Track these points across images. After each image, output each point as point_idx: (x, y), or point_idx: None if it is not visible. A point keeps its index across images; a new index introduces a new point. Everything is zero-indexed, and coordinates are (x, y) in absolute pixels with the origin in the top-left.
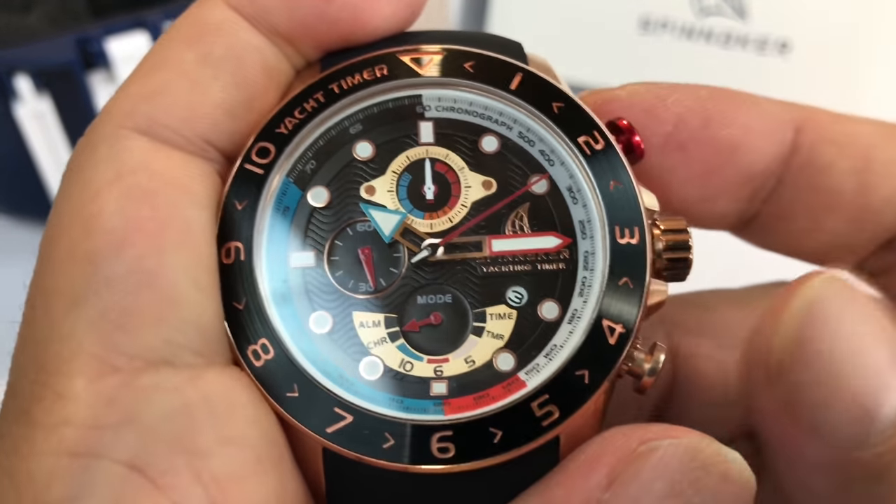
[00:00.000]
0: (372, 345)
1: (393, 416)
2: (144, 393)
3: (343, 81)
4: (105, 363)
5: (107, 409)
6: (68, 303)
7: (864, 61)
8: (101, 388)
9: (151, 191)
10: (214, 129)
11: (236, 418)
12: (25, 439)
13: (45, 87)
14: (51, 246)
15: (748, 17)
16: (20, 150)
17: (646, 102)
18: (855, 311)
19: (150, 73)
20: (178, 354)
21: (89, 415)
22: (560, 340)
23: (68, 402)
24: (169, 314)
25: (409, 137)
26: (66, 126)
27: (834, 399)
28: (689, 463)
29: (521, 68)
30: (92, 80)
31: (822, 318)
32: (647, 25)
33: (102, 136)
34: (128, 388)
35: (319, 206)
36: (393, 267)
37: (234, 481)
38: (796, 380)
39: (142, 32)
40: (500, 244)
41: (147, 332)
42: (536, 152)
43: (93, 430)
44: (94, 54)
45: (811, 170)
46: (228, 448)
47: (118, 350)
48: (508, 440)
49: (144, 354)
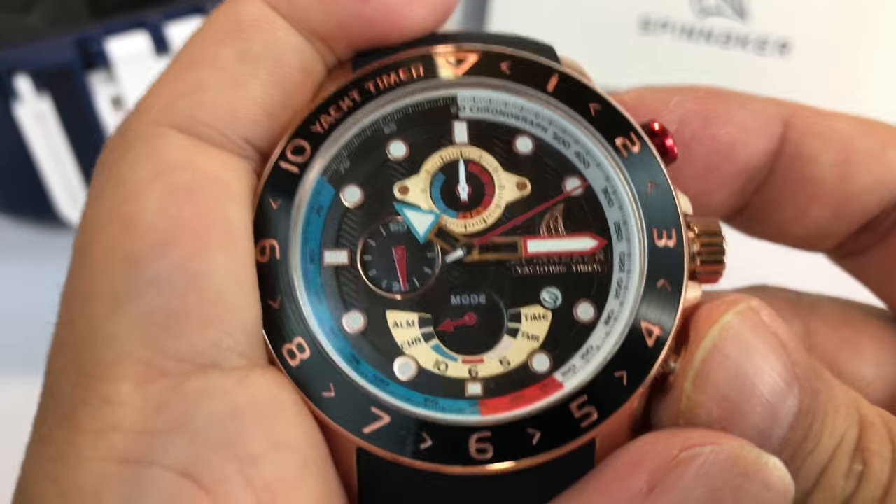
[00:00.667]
0: (406, 345)
1: (430, 416)
2: (194, 397)
3: (379, 81)
4: (152, 367)
5: (156, 415)
6: (110, 304)
7: (864, 61)
8: (149, 393)
9: (194, 189)
10: (254, 127)
11: (283, 421)
12: (71, 445)
13: (45, 87)
14: (87, 246)
15: (748, 17)
16: (20, 150)
17: (650, 106)
18: (757, 347)
19: (187, 69)
20: (225, 357)
21: (138, 420)
22: (597, 342)
23: (116, 406)
24: (215, 316)
25: (443, 138)
26: (66, 126)
27: (734, 430)
28: (731, 470)
29: (557, 70)
30: (92, 80)
31: (730, 358)
32: (647, 25)
33: (138, 134)
34: (177, 393)
35: (353, 205)
36: (427, 267)
37: (283, 487)
38: (703, 416)
39: (142, 32)
40: (536, 245)
41: (195, 335)
42: (571, 154)
43: (143, 436)
44: (94, 54)
45: (798, 162)
46: (277, 453)
47: (165, 353)
48: (547, 441)
49: (192, 358)
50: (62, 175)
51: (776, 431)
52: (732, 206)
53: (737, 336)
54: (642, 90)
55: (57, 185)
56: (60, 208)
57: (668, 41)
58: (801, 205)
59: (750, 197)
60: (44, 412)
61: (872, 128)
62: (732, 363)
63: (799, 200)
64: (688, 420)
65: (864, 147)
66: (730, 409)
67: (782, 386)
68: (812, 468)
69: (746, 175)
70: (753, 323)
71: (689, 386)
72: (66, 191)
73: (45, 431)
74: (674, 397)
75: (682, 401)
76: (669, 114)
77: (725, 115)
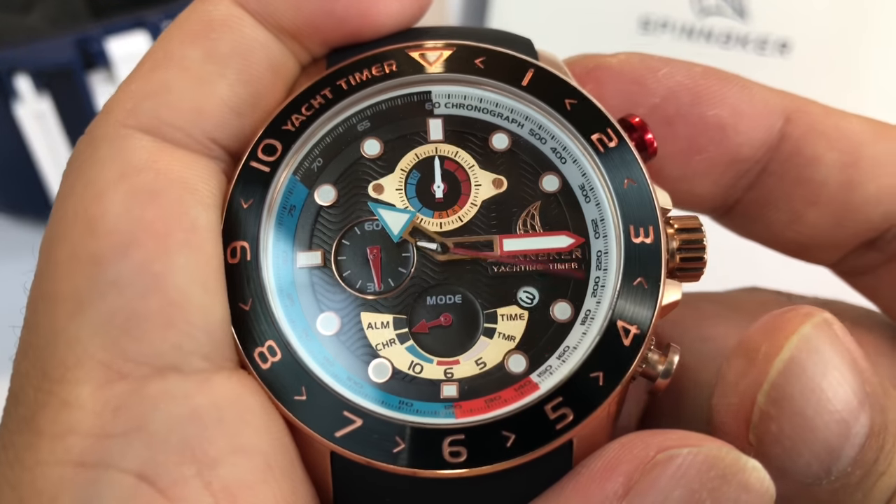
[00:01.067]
0: (380, 346)
1: (403, 419)
2: (153, 400)
3: (351, 77)
4: (112, 369)
5: (114, 418)
6: (72, 306)
7: (864, 61)
8: (108, 396)
9: (157, 191)
10: (220, 127)
11: (246, 425)
12: (29, 448)
13: (45, 87)
14: (53, 247)
15: (748, 17)
16: (20, 150)
17: (636, 72)
18: (834, 361)
19: (154, 70)
20: (186, 360)
21: (96, 423)
22: (573, 342)
23: (74, 409)
24: (177, 319)
25: (417, 135)
26: (66, 126)
27: (805, 446)
28: (708, 472)
29: (533, 64)
30: (92, 80)
31: (807, 372)
32: (647, 25)
33: (104, 135)
34: (136, 396)
35: (326, 204)
36: (402, 267)
37: (243, 490)
38: (774, 430)
39: (142, 32)
40: (512, 244)
41: (155, 338)
42: (548, 150)
43: (100, 439)
44: (94, 54)
45: (798, 160)
46: (238, 456)
47: (125, 356)
48: (522, 444)
49: (152, 361)
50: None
51: (847, 451)
52: (721, 199)
53: (815, 349)
54: (631, 55)
55: (57, 185)
56: None
57: (668, 41)
58: (798, 208)
59: (742, 194)
60: (7, 417)
61: (886, 133)
62: (808, 377)
63: (795, 203)
64: (757, 434)
65: (875, 153)
66: (802, 424)
67: (855, 404)
68: (883, 489)
69: (736, 166)
70: (830, 337)
71: (763, 398)
72: None
73: (6, 437)
74: (737, 410)
75: (755, 413)
76: (656, 84)
77: (718, 96)
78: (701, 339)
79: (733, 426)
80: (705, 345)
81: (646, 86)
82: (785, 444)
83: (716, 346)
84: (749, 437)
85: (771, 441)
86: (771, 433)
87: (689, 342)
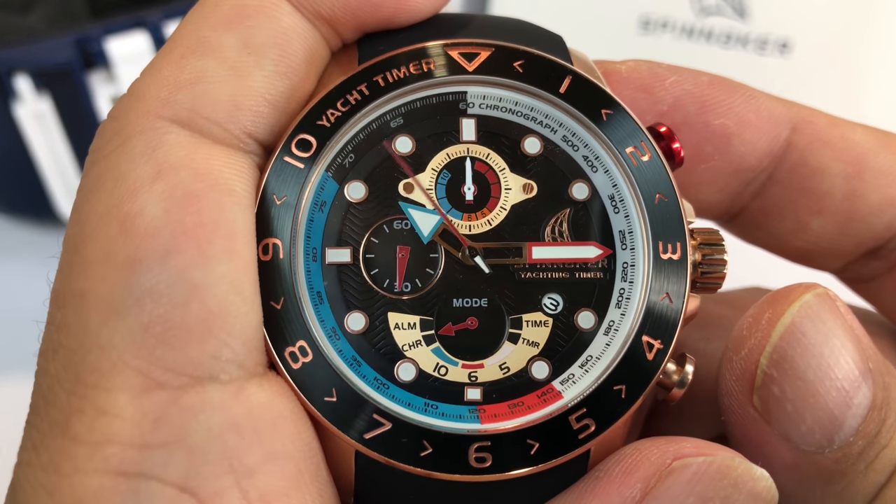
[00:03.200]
0: (407, 347)
1: (431, 424)
2: (192, 411)
3: (388, 74)
4: (149, 378)
5: (154, 428)
6: (106, 310)
7: (865, 61)
8: (146, 405)
9: (196, 193)
10: (256, 121)
11: (278, 432)
12: (66, 456)
13: (45, 87)
14: (82, 243)
15: (748, 16)
16: (20, 150)
17: (644, 80)
18: (835, 331)
19: (186, 56)
20: (223, 368)
21: (136, 433)
22: (596, 352)
23: (112, 418)
24: (216, 328)
25: (449, 134)
26: (66, 126)
27: (807, 411)
28: (721, 481)
29: (571, 70)
30: (92, 80)
31: (807, 337)
32: (647, 25)
33: (137, 126)
34: (175, 406)
35: (356, 200)
36: (430, 268)
37: (278, 497)
38: (776, 393)
39: (142, 32)
40: (541, 252)
41: (193, 348)
42: (580, 157)
43: (140, 449)
44: (94, 54)
45: (803, 170)
46: (272, 464)
47: (163, 365)
48: (545, 451)
49: (190, 371)
50: (62, 175)
51: (849, 421)
52: (727, 207)
53: (816, 316)
54: (640, 62)
55: (56, 185)
56: (60, 208)
57: (668, 41)
58: (803, 217)
59: (747, 202)
60: (35, 417)
61: (891, 143)
62: (809, 342)
63: (800, 212)
64: (761, 398)
65: (879, 163)
66: (804, 388)
67: (857, 374)
68: (886, 463)
69: (741, 174)
70: (831, 307)
71: (765, 360)
72: (65, 190)
73: (37, 438)
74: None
75: (757, 376)
76: (664, 92)
77: (725, 105)
78: (705, 339)
79: (738, 391)
80: (709, 344)
81: (653, 94)
82: (787, 409)
83: (718, 346)
84: (753, 400)
85: (774, 404)
86: (774, 396)
87: (693, 341)
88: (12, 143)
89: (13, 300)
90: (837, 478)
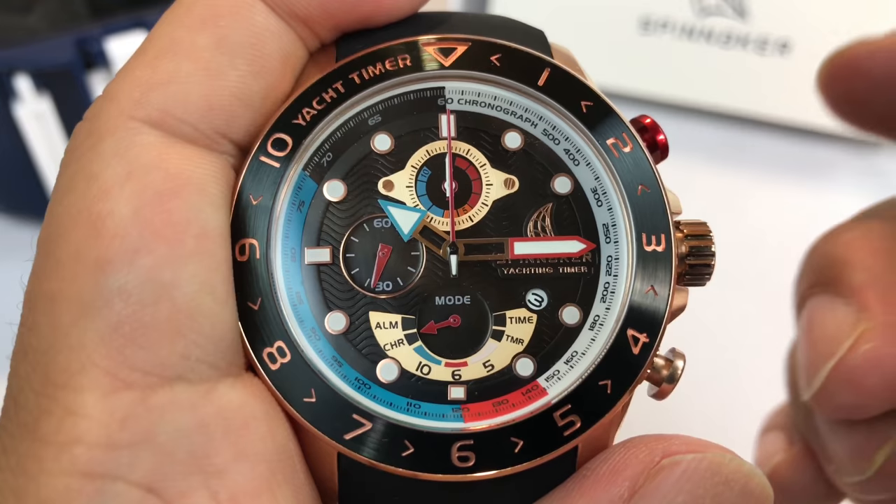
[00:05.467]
0: (389, 347)
1: (413, 423)
2: (160, 411)
3: (364, 71)
4: (117, 378)
5: (121, 428)
6: (76, 311)
7: None
8: (114, 405)
9: (167, 193)
10: (230, 121)
11: (251, 432)
12: (33, 457)
13: (45, 87)
14: (53, 244)
15: (748, 16)
16: (20, 150)
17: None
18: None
19: (159, 57)
20: (193, 369)
21: (102, 433)
22: (581, 347)
23: (80, 418)
24: (186, 328)
25: (429, 130)
26: (66, 126)
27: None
28: (712, 478)
29: (550, 63)
30: (92, 80)
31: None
32: (647, 25)
33: (109, 127)
34: (142, 406)
35: (335, 199)
36: (411, 266)
37: (249, 498)
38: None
39: (141, 32)
40: (523, 247)
41: (162, 348)
42: (561, 151)
43: (107, 449)
44: (94, 54)
45: None
46: (243, 464)
47: (131, 365)
48: (529, 449)
49: (159, 370)
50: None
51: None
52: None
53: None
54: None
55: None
56: None
57: (668, 41)
58: None
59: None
60: (6, 420)
61: None
62: None
63: None
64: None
65: None
66: None
67: None
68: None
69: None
70: None
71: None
72: None
73: (6, 441)
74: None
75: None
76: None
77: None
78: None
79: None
80: None
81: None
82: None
83: None
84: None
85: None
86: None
87: None
88: (12, 143)
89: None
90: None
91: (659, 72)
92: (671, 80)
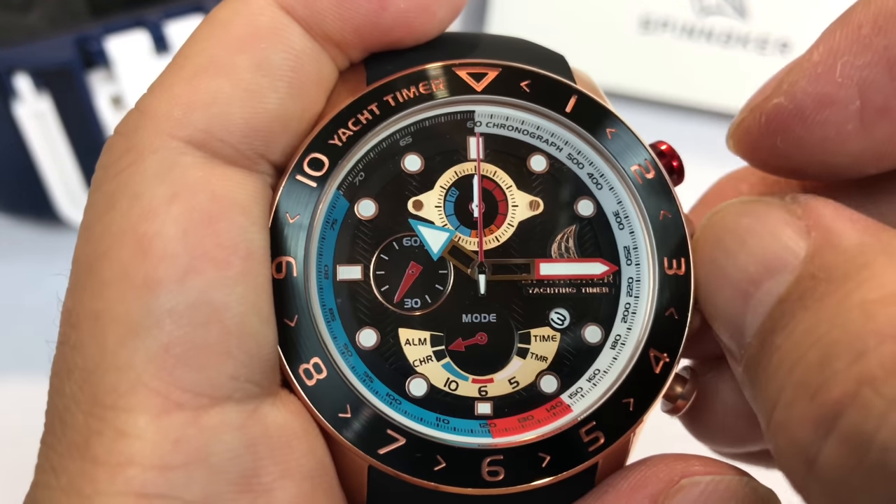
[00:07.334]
0: (418, 363)
1: (444, 439)
2: (212, 431)
3: (398, 94)
4: (168, 399)
5: (174, 449)
6: (125, 331)
7: None
8: (166, 427)
9: (214, 215)
10: (269, 142)
11: (294, 450)
12: (86, 478)
13: (45, 86)
14: (97, 263)
15: (749, 16)
16: (20, 150)
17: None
18: (738, 221)
19: (199, 76)
20: (240, 389)
21: (156, 455)
22: (603, 365)
23: (132, 440)
24: (235, 349)
25: (457, 152)
26: (66, 125)
27: (716, 291)
28: (729, 500)
29: (576, 90)
30: (92, 79)
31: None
32: (647, 25)
33: (151, 146)
34: (194, 427)
35: (366, 218)
36: (439, 284)
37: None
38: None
39: (141, 31)
40: (549, 268)
41: (213, 369)
42: (584, 175)
43: (161, 471)
44: (94, 54)
45: None
46: (288, 481)
47: (182, 386)
48: (556, 464)
49: (209, 391)
50: (62, 175)
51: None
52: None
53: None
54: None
55: (57, 185)
56: (60, 208)
57: (669, 41)
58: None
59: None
60: (52, 438)
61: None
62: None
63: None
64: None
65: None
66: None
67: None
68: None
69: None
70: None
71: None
72: (65, 190)
73: (55, 460)
74: None
75: None
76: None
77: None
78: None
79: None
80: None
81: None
82: (701, 294)
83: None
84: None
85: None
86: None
87: None
88: (12, 143)
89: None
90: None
91: (659, 71)
92: (671, 80)
